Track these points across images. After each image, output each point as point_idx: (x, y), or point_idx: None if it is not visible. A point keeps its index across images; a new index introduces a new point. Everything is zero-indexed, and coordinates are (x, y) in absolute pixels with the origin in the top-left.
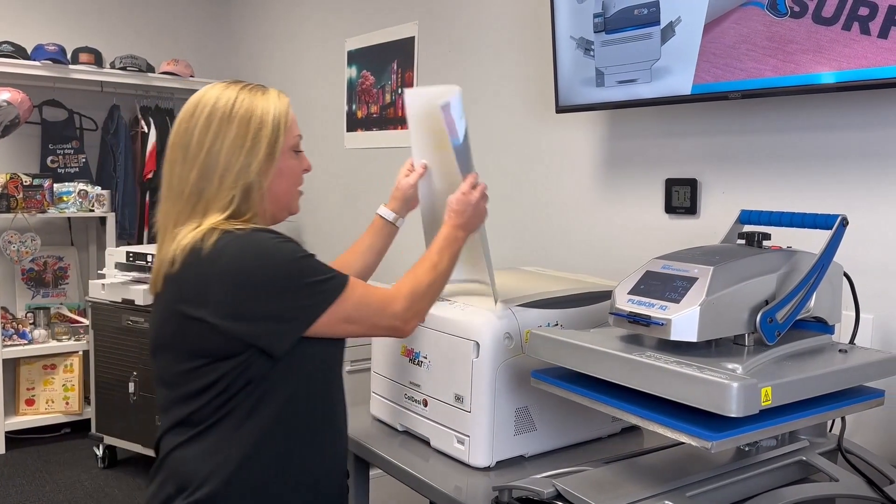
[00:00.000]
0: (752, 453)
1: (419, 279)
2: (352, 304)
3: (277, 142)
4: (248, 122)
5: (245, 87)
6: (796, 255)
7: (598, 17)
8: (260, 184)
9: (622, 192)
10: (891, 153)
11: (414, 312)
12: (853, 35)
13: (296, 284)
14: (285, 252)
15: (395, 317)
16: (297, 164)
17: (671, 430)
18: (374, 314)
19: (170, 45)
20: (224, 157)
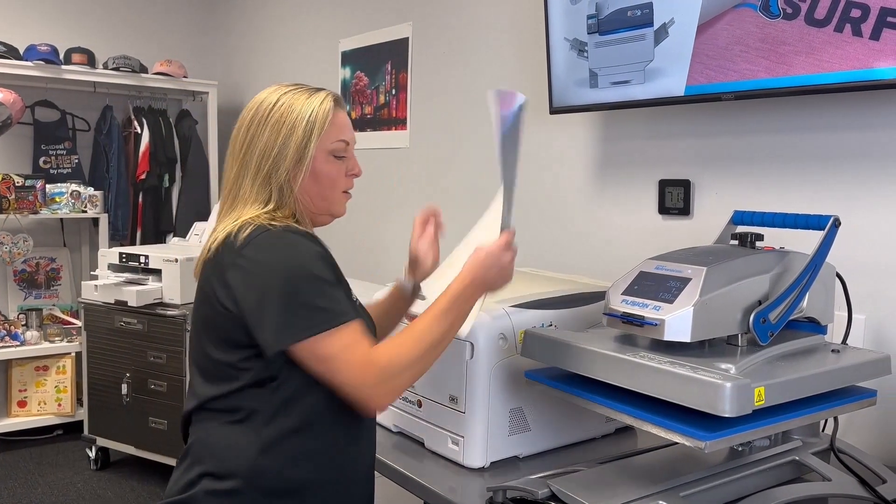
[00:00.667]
0: (746, 453)
1: (402, 349)
2: (336, 347)
3: (308, 146)
4: (281, 125)
5: (294, 90)
6: (789, 256)
7: (592, 18)
8: (290, 186)
9: (616, 193)
10: (882, 154)
11: (387, 391)
12: (845, 37)
13: (293, 297)
14: (303, 261)
15: (364, 386)
16: (334, 168)
17: (664, 430)
18: (346, 370)
19: (163, 45)
20: (257, 158)
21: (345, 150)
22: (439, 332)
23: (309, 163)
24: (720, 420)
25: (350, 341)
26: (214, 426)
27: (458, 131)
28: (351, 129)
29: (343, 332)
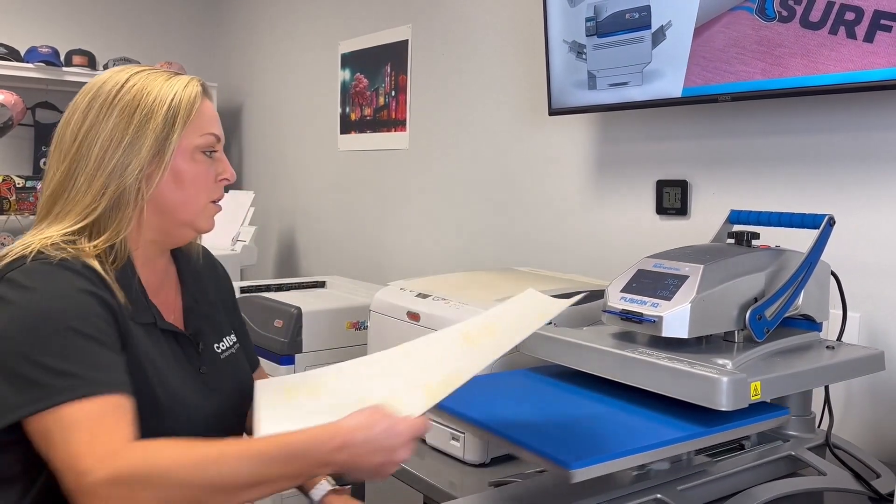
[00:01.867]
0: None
1: (175, 460)
2: (62, 422)
3: (170, 137)
4: (134, 110)
5: (145, 70)
6: (784, 254)
7: (590, 21)
8: (139, 190)
9: (614, 194)
10: (876, 155)
11: (121, 496)
12: (840, 39)
13: (24, 357)
14: (50, 309)
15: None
16: (201, 168)
17: (535, 456)
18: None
19: (163, 47)
20: (97, 151)
21: (214, 146)
22: (245, 476)
23: (170, 159)
24: (590, 448)
25: (90, 414)
26: None
27: (458, 133)
28: (220, 123)
29: (87, 404)
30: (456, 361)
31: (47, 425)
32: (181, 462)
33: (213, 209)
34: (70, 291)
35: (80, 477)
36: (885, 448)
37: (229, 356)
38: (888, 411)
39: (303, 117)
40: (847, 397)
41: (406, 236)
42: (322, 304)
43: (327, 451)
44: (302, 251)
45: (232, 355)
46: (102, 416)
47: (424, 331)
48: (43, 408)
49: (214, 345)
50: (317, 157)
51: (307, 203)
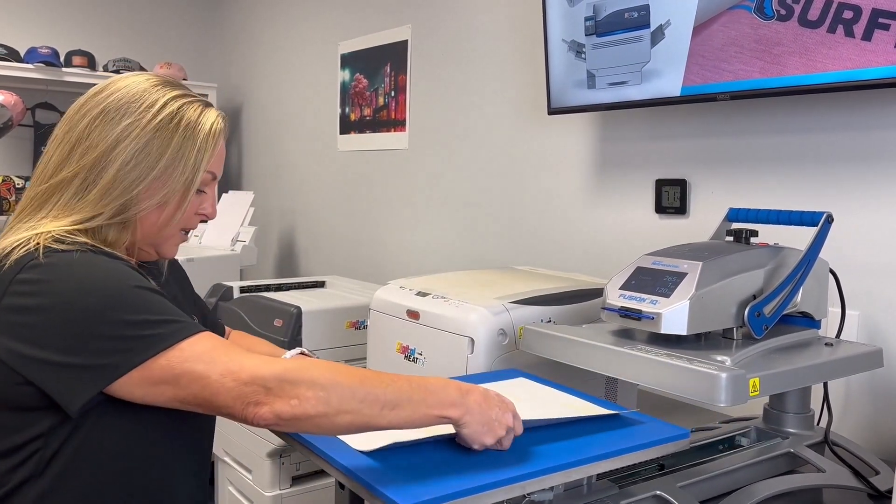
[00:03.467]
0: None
1: (339, 373)
2: (180, 359)
3: (198, 169)
4: (168, 138)
5: (179, 95)
6: (783, 252)
7: (589, 20)
8: (135, 205)
9: (613, 193)
10: (874, 154)
11: (287, 394)
12: (838, 38)
13: (110, 319)
14: (112, 275)
15: (242, 382)
16: (195, 203)
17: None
18: (208, 374)
19: (163, 48)
20: (120, 165)
21: (208, 185)
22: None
23: (177, 185)
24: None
25: (211, 343)
26: None
27: (458, 133)
28: (223, 161)
29: (197, 339)
30: None
31: (169, 366)
32: (345, 372)
33: (181, 238)
34: (125, 267)
35: (249, 379)
36: (883, 445)
37: None
38: (887, 408)
39: (302, 118)
40: (846, 394)
41: (406, 236)
42: (322, 304)
43: (459, 393)
44: (302, 251)
45: None
46: (222, 344)
47: (422, 328)
48: (164, 347)
49: None
50: (316, 158)
51: (307, 203)
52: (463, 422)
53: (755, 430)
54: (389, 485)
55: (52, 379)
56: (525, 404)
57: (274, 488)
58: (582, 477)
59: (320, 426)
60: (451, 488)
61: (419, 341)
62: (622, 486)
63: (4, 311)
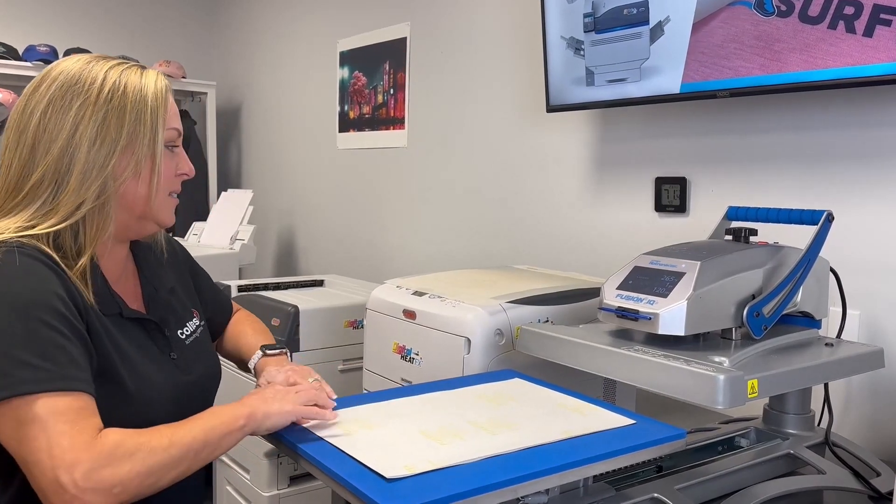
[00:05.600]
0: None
1: (141, 445)
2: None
3: (157, 137)
4: (121, 107)
5: (118, 64)
6: (783, 251)
7: (588, 16)
8: (112, 181)
9: (612, 191)
10: (877, 151)
11: (99, 480)
12: (839, 34)
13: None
14: (17, 301)
15: (67, 468)
16: (165, 163)
17: (339, 486)
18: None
19: (161, 46)
20: (84, 150)
21: (175, 141)
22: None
23: (144, 153)
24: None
25: (66, 407)
26: None
27: (456, 131)
28: (179, 116)
29: (58, 397)
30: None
31: (19, 415)
32: (149, 436)
33: (172, 202)
34: (36, 285)
35: (68, 469)
36: (885, 446)
37: (194, 341)
38: (888, 408)
39: (301, 116)
40: (847, 395)
41: (405, 234)
42: (319, 303)
43: (237, 404)
44: (301, 250)
45: (196, 339)
46: (75, 412)
47: (418, 328)
48: (18, 393)
49: (178, 331)
50: (315, 156)
51: (306, 202)
52: (253, 413)
53: (755, 431)
54: (380, 489)
55: None
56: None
57: (272, 488)
58: (577, 479)
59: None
60: (441, 492)
61: (416, 341)
62: (619, 489)
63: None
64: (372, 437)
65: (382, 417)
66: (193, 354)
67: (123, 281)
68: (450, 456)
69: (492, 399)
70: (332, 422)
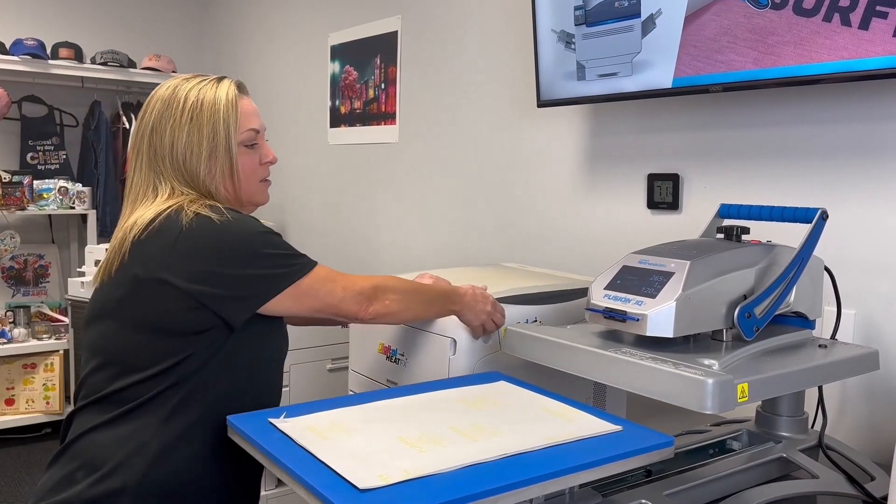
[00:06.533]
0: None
1: (403, 284)
2: (315, 280)
3: (218, 141)
4: (191, 122)
5: (198, 82)
6: (776, 249)
7: (579, 9)
8: (209, 182)
9: (604, 188)
10: (873, 147)
11: (382, 298)
12: (834, 27)
13: (260, 254)
14: (250, 225)
15: (356, 293)
16: (247, 159)
17: (310, 496)
18: (334, 289)
19: (151, 40)
20: (169, 158)
21: (255, 139)
22: (429, 296)
23: (223, 157)
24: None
25: (327, 270)
26: (103, 421)
27: (448, 125)
28: (258, 115)
29: (318, 268)
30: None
31: (310, 285)
32: (406, 284)
33: (265, 185)
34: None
35: (361, 291)
36: (879, 448)
37: None
38: (883, 411)
39: (292, 111)
40: (842, 396)
41: (396, 231)
42: None
43: (458, 294)
44: None
45: None
46: (335, 270)
47: (406, 330)
48: (306, 272)
49: None
50: (307, 151)
51: (297, 198)
52: (462, 314)
53: (747, 434)
54: (351, 500)
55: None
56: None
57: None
58: (561, 488)
59: (399, 318)
60: (418, 502)
61: (401, 342)
62: (606, 495)
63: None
64: (349, 444)
65: (362, 422)
66: None
67: None
68: (427, 464)
69: (475, 403)
70: (309, 424)
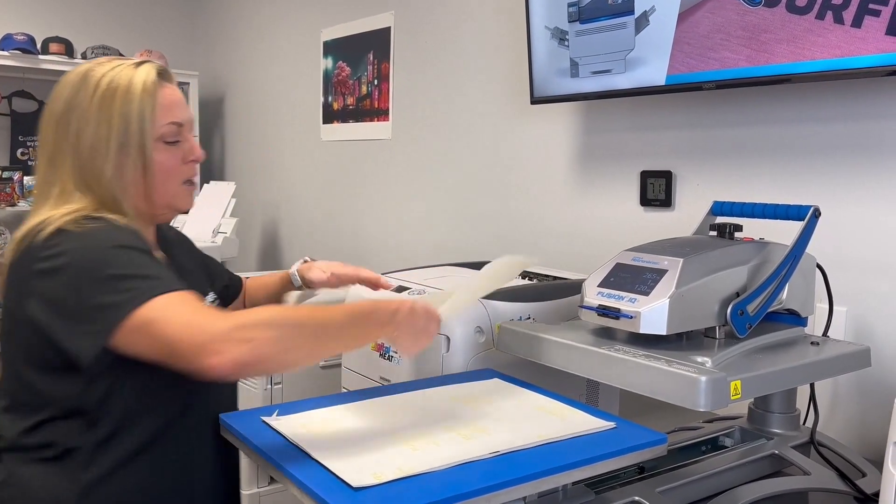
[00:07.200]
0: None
1: (271, 312)
2: (151, 311)
3: (129, 134)
4: (100, 111)
5: (115, 66)
6: (768, 247)
7: (573, 6)
8: (118, 182)
9: (597, 185)
10: (864, 145)
11: (241, 338)
12: (826, 24)
13: (101, 278)
14: (101, 240)
15: (200, 331)
16: (167, 156)
17: (303, 494)
18: (169, 326)
19: (143, 35)
20: (72, 150)
21: (178, 134)
22: (331, 324)
23: (135, 153)
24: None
25: (181, 298)
26: (21, 465)
27: (441, 122)
28: (184, 106)
29: (171, 296)
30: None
31: (145, 318)
32: (292, 312)
33: (189, 188)
34: (129, 232)
35: (203, 331)
36: (871, 446)
37: None
38: (875, 408)
39: (285, 107)
40: (833, 393)
41: (389, 227)
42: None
43: (388, 313)
44: (285, 243)
45: None
46: (193, 299)
47: None
48: (139, 304)
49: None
50: (299, 148)
51: (289, 194)
52: (394, 338)
53: (739, 431)
54: (345, 498)
55: (68, 340)
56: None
57: (252, 486)
58: (555, 486)
59: (278, 364)
60: (410, 502)
61: None
62: (599, 492)
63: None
64: (342, 442)
65: (354, 420)
66: None
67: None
68: (421, 463)
69: (468, 401)
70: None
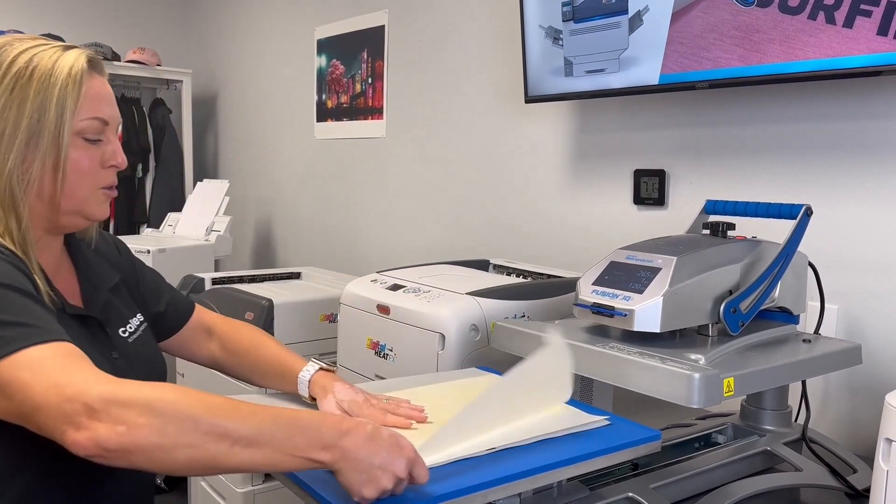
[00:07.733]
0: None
1: (181, 399)
2: (15, 368)
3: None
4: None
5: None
6: (761, 245)
7: (567, 5)
8: (22, 175)
9: (591, 184)
10: (856, 144)
11: (113, 418)
12: (818, 24)
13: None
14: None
15: (76, 401)
16: (84, 155)
17: (300, 490)
18: (32, 388)
19: (136, 32)
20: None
21: (100, 132)
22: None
23: (48, 145)
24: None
25: (54, 353)
26: None
27: (435, 120)
28: (112, 103)
29: (44, 347)
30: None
31: (8, 375)
32: (190, 399)
33: (105, 196)
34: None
35: (71, 397)
36: (862, 442)
37: (137, 339)
38: (866, 405)
39: (279, 105)
40: (825, 390)
41: (384, 226)
42: (294, 296)
43: (334, 433)
44: (279, 241)
45: (139, 338)
46: (68, 355)
47: (392, 323)
48: (8, 352)
49: (119, 330)
50: (293, 146)
51: (283, 192)
52: (337, 468)
53: (732, 427)
54: (341, 495)
55: None
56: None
57: (246, 485)
58: (549, 482)
59: (154, 461)
60: (405, 499)
61: (390, 337)
62: (593, 488)
63: None
64: None
65: None
66: (136, 353)
67: (61, 276)
68: None
69: (461, 397)
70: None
